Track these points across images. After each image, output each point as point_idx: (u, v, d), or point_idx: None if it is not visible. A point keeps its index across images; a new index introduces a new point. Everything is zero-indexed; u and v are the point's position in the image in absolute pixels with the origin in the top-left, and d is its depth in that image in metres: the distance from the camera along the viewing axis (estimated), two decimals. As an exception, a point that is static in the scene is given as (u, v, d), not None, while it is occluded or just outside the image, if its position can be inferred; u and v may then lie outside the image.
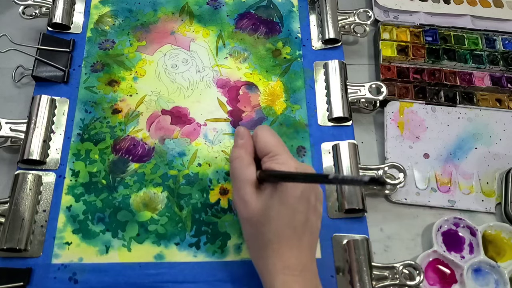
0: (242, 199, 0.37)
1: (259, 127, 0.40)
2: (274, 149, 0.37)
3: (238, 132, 0.40)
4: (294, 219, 0.35)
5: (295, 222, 0.35)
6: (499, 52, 0.56)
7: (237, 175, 0.38)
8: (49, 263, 0.41)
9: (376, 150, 0.51)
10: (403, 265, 0.42)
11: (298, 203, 0.35)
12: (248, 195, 0.36)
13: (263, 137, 0.38)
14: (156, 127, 0.48)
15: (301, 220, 0.35)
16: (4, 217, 0.42)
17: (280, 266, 0.35)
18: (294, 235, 0.35)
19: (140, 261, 0.42)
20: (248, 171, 0.37)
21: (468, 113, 0.52)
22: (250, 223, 0.37)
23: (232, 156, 0.39)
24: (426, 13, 0.58)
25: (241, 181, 0.37)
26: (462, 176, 0.49)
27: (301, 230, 0.36)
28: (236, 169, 0.38)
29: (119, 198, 0.44)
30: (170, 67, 0.52)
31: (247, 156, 0.38)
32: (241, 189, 0.37)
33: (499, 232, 0.46)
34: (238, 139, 0.39)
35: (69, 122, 0.48)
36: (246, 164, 0.38)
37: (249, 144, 0.39)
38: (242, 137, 0.39)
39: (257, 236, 0.36)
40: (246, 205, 0.36)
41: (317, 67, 0.52)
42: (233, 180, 0.38)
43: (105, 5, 0.55)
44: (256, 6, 0.56)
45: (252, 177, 0.37)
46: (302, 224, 0.36)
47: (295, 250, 0.35)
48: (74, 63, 0.51)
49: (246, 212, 0.36)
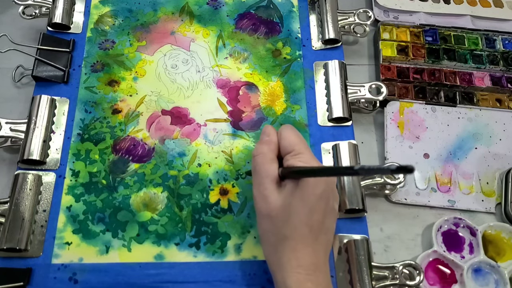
0: (262, 194, 0.37)
1: (284, 126, 0.40)
2: (297, 148, 0.38)
3: (265, 129, 0.41)
4: (312, 217, 0.35)
5: (313, 221, 0.36)
6: (499, 52, 0.56)
7: (258, 170, 0.38)
8: (49, 263, 0.41)
9: (376, 150, 0.51)
10: (403, 265, 0.42)
11: (317, 202, 0.36)
12: (268, 190, 0.37)
13: (287, 136, 0.39)
14: (156, 127, 0.48)
15: (318, 219, 0.36)
16: (4, 217, 0.42)
17: (294, 264, 0.35)
18: (310, 234, 0.36)
19: (140, 261, 0.42)
20: (271, 167, 0.38)
21: (468, 113, 0.52)
22: (268, 218, 0.37)
23: (255, 151, 0.39)
24: (426, 13, 0.58)
25: (263, 176, 0.37)
26: (462, 176, 0.49)
27: (317, 229, 0.36)
28: (258, 164, 0.38)
29: (119, 198, 0.44)
30: (170, 67, 0.52)
31: (271, 152, 0.39)
32: (261, 184, 0.37)
33: (499, 232, 0.46)
34: (264, 136, 0.40)
35: (69, 122, 0.48)
36: (269, 160, 0.38)
37: (273, 142, 0.39)
38: (268, 135, 0.40)
39: (274, 232, 0.36)
40: (265, 200, 0.37)
41: (317, 67, 0.52)
42: (254, 175, 0.39)
43: (105, 5, 0.55)
44: (256, 6, 0.56)
45: (273, 173, 0.37)
46: (319, 223, 0.36)
47: (310, 249, 0.35)
48: (74, 63, 0.51)
49: (265, 207, 0.37)
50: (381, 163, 0.49)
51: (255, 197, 0.38)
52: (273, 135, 0.40)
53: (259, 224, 0.38)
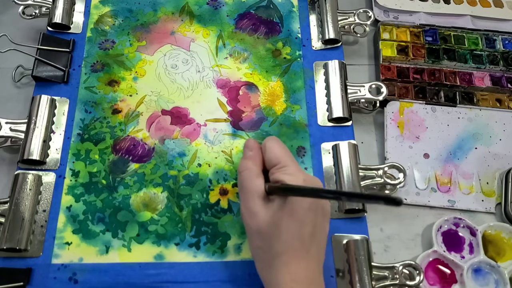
0: (250, 211, 0.36)
1: (268, 138, 0.40)
2: (283, 160, 0.37)
3: (248, 144, 0.40)
4: (303, 231, 0.35)
5: (304, 234, 0.35)
6: (499, 52, 0.56)
7: (245, 186, 0.37)
8: (49, 263, 0.41)
9: (376, 150, 0.51)
10: (403, 265, 0.42)
11: (306, 214, 0.35)
12: (256, 206, 0.36)
13: (272, 148, 0.38)
14: (156, 127, 0.48)
15: (309, 232, 0.35)
16: (4, 217, 0.42)
17: (288, 279, 0.34)
18: (302, 247, 0.35)
19: (140, 261, 0.42)
20: (257, 182, 0.37)
21: (468, 113, 0.52)
22: (258, 235, 0.36)
23: (241, 168, 0.39)
24: (426, 13, 0.58)
25: (250, 192, 0.37)
26: (462, 176, 0.49)
27: (308, 242, 0.35)
28: (245, 180, 0.38)
29: (119, 198, 0.44)
30: (170, 67, 0.52)
31: (256, 167, 0.38)
32: (249, 200, 0.37)
33: (499, 232, 0.46)
34: (247, 151, 0.40)
35: (69, 122, 0.48)
36: (255, 175, 0.38)
37: (258, 156, 0.39)
38: (251, 149, 0.39)
39: (265, 248, 0.36)
40: (254, 217, 0.36)
41: (317, 67, 0.52)
42: (241, 191, 0.38)
43: (105, 5, 0.55)
44: (256, 6, 0.56)
45: (260, 189, 0.37)
46: (310, 236, 0.35)
47: (303, 262, 0.35)
48: (74, 63, 0.51)
49: (255, 224, 0.36)
50: (381, 163, 0.49)
51: (243, 213, 0.38)
52: (256, 149, 0.39)
53: (250, 241, 0.38)
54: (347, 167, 0.45)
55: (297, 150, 0.48)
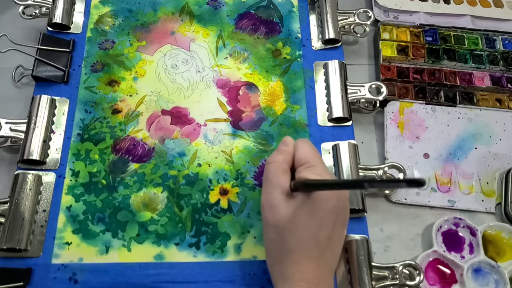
0: (270, 204, 0.36)
1: (300, 139, 0.40)
2: (311, 161, 0.37)
3: (285, 140, 0.40)
4: (320, 232, 0.35)
5: (320, 236, 0.35)
6: (499, 52, 0.56)
7: (270, 179, 0.37)
8: (49, 263, 0.41)
9: (376, 150, 0.51)
10: (403, 265, 0.42)
11: (327, 217, 0.35)
12: (277, 200, 0.36)
13: (303, 148, 0.39)
14: (156, 127, 0.48)
15: (326, 234, 0.35)
16: (4, 217, 0.42)
17: (297, 277, 0.34)
18: (316, 248, 0.35)
19: (140, 261, 0.42)
20: (283, 177, 0.37)
21: (468, 113, 0.52)
22: (275, 229, 0.36)
23: (270, 159, 0.39)
24: (426, 13, 0.58)
25: (274, 185, 0.37)
26: (462, 176, 0.49)
27: (324, 244, 0.35)
28: (271, 172, 0.38)
29: (119, 198, 0.44)
30: (170, 67, 0.52)
31: (285, 163, 0.38)
32: (271, 193, 0.37)
33: (499, 232, 0.46)
34: (281, 145, 0.40)
35: (69, 122, 0.48)
36: (282, 169, 0.38)
37: (289, 153, 0.39)
38: (286, 145, 0.39)
39: (279, 243, 0.36)
40: (274, 210, 0.36)
41: (317, 67, 0.52)
42: (265, 182, 0.38)
43: (105, 5, 0.55)
44: (256, 6, 0.56)
45: (285, 184, 0.37)
46: (327, 238, 0.35)
47: (315, 263, 0.35)
48: (74, 63, 0.51)
49: (273, 218, 0.36)
50: (381, 163, 0.49)
51: (263, 205, 0.37)
52: (291, 147, 0.39)
53: (265, 233, 0.38)
54: (347, 167, 0.45)
55: (297, 150, 0.48)
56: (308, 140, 0.40)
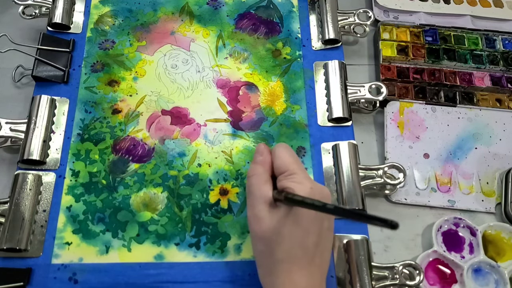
0: (255, 216, 0.36)
1: (278, 145, 0.40)
2: (291, 168, 0.37)
3: (258, 149, 0.40)
4: (307, 240, 0.35)
5: (308, 243, 0.35)
6: (499, 52, 0.56)
7: (253, 191, 0.37)
8: (49, 263, 0.41)
9: (376, 150, 0.51)
10: (403, 265, 0.42)
11: (311, 224, 0.35)
12: (262, 212, 0.36)
13: (281, 155, 0.38)
14: (156, 127, 0.48)
15: (313, 241, 0.35)
16: (4, 217, 0.42)
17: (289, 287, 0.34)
18: (305, 256, 0.35)
19: (140, 261, 0.42)
20: (265, 188, 0.37)
21: (468, 113, 0.52)
22: (262, 240, 0.36)
23: (250, 172, 0.39)
24: (426, 13, 0.58)
25: (257, 198, 0.37)
26: (462, 176, 0.49)
27: (312, 251, 0.35)
28: (253, 185, 0.38)
29: (119, 198, 0.44)
30: (170, 67, 0.52)
31: (265, 173, 0.38)
32: (255, 206, 0.37)
33: (499, 232, 0.46)
34: (257, 156, 0.39)
35: (69, 122, 0.48)
36: (263, 181, 0.37)
37: (267, 162, 0.39)
38: (261, 154, 0.39)
39: (268, 254, 0.36)
40: (259, 222, 0.36)
41: (317, 67, 0.52)
42: (249, 196, 0.38)
43: (105, 5, 0.55)
44: (256, 6, 0.56)
45: (268, 195, 0.37)
46: (314, 245, 0.35)
47: (306, 271, 0.35)
48: (74, 63, 0.51)
49: (259, 229, 0.36)
50: (381, 163, 0.49)
51: (249, 218, 0.37)
52: (266, 155, 0.39)
53: (254, 246, 0.38)
54: (347, 167, 0.45)
55: (297, 150, 0.48)
56: (286, 145, 0.40)
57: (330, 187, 0.46)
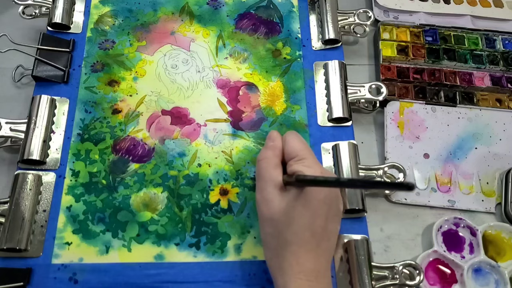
0: (265, 199, 0.37)
1: (288, 132, 0.41)
2: (301, 153, 0.38)
3: (270, 135, 0.41)
4: (314, 223, 0.35)
5: (315, 226, 0.35)
6: (499, 52, 0.56)
7: (262, 175, 0.38)
8: (49, 263, 0.41)
9: (376, 150, 0.51)
10: (403, 265, 0.42)
11: (320, 207, 0.35)
12: (271, 194, 0.37)
13: (292, 141, 0.39)
14: (156, 127, 0.48)
15: (321, 225, 0.36)
16: (4, 217, 0.42)
17: (296, 269, 0.35)
18: (312, 239, 0.35)
19: (140, 261, 0.42)
20: (275, 172, 0.38)
21: (468, 113, 0.52)
22: (271, 222, 0.37)
23: (260, 156, 0.39)
24: (426, 13, 0.58)
25: (266, 181, 0.38)
26: (462, 176, 0.49)
27: (320, 234, 0.36)
28: (262, 169, 0.38)
29: (119, 198, 0.44)
30: (170, 67, 0.52)
31: (275, 158, 0.39)
32: (265, 188, 0.37)
33: (499, 232, 0.46)
34: (269, 141, 0.40)
35: (69, 122, 0.48)
36: (273, 165, 0.38)
37: (278, 147, 0.40)
38: (273, 140, 0.40)
39: (276, 236, 0.36)
40: (268, 204, 0.37)
41: (317, 68, 0.52)
42: (258, 179, 0.39)
43: (105, 5, 0.55)
44: (256, 6, 0.56)
45: (277, 178, 0.37)
46: (322, 229, 0.36)
47: (312, 254, 0.35)
48: (74, 63, 0.51)
49: (268, 211, 0.37)
50: (381, 163, 0.49)
51: (258, 201, 0.38)
52: (278, 141, 0.40)
53: (261, 228, 0.38)
54: (347, 167, 0.45)
55: (297, 150, 0.48)
56: (296, 133, 0.41)
57: (330, 187, 0.46)
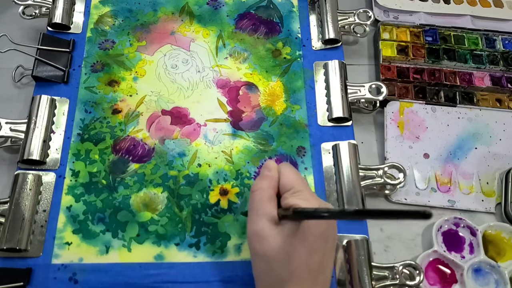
0: (258, 235, 0.35)
1: (282, 164, 0.39)
2: (296, 185, 0.36)
3: (267, 165, 0.39)
4: (312, 259, 0.34)
5: (312, 263, 0.34)
6: (499, 52, 0.56)
7: (256, 208, 0.36)
8: (49, 263, 0.41)
9: (376, 150, 0.51)
10: (403, 265, 0.42)
11: (316, 242, 0.34)
12: (265, 230, 0.35)
13: (286, 173, 0.37)
14: (156, 127, 0.48)
15: (317, 260, 0.34)
16: (4, 217, 0.42)
17: None
18: (309, 276, 0.34)
19: (140, 261, 0.42)
20: (269, 205, 0.36)
21: (468, 113, 0.52)
22: (264, 258, 0.35)
23: (255, 187, 0.37)
24: (426, 13, 0.58)
25: (260, 214, 0.35)
26: (462, 176, 0.49)
27: (316, 271, 0.34)
28: (256, 200, 0.36)
29: (119, 199, 0.44)
30: (170, 67, 0.52)
31: (270, 189, 0.37)
32: (258, 223, 0.35)
33: (499, 232, 0.46)
34: (264, 171, 0.38)
35: (69, 122, 0.48)
36: (268, 197, 0.36)
37: (275, 179, 0.37)
38: (269, 170, 0.38)
39: (270, 274, 0.34)
40: (262, 241, 0.34)
41: (317, 67, 0.52)
42: (251, 211, 0.36)
43: (105, 5, 0.55)
44: (256, 6, 0.56)
45: (272, 212, 0.35)
46: (318, 264, 0.34)
47: None
48: (74, 63, 0.51)
49: (261, 248, 0.34)
50: (381, 163, 0.49)
51: (249, 236, 0.36)
52: (275, 172, 0.38)
53: (254, 264, 0.36)
54: (347, 167, 0.45)
55: (297, 150, 0.48)
56: (291, 165, 0.39)
57: (330, 187, 0.46)
